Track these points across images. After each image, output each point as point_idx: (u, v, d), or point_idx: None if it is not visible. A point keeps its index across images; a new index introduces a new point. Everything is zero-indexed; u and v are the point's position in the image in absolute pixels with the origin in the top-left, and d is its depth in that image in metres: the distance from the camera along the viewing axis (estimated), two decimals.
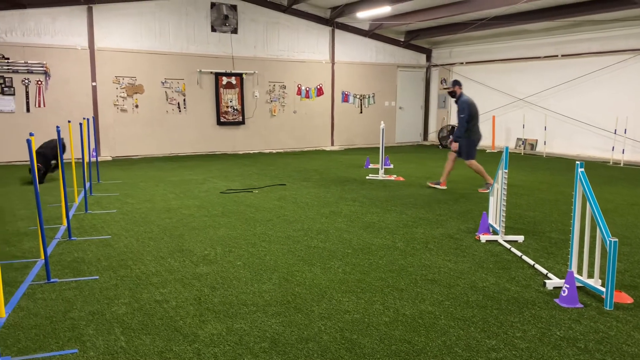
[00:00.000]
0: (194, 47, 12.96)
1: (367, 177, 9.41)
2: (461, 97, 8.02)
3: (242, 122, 13.75)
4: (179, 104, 12.94)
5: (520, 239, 5.19)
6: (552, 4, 11.64)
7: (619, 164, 11.37)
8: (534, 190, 8.17)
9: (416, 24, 14.52)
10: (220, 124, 13.46)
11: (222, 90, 13.34)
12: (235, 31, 13.39)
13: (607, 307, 3.54)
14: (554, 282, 3.94)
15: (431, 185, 8.41)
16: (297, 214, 6.39)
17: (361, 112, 15.79)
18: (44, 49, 11.34)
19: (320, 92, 14.94)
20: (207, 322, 3.34)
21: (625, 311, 3.50)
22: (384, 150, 9.70)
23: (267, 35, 13.89)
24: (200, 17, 12.96)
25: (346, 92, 15.41)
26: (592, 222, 3.73)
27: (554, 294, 3.79)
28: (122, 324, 3.32)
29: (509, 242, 5.10)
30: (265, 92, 14.03)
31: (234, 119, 13.63)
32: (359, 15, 13.59)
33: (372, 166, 10.75)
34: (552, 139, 13.23)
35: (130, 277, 4.17)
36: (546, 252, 4.85)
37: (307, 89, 14.71)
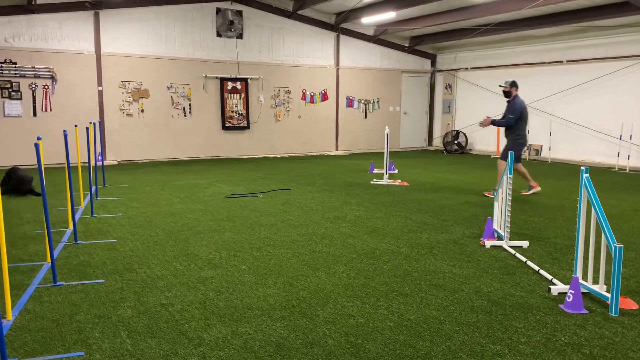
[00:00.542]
0: (199, 52, 13.04)
1: (371, 182, 9.42)
2: (516, 98, 7.99)
3: (247, 127, 13.79)
4: (184, 108, 13.00)
5: (525, 244, 5.19)
6: (558, 10, 11.65)
7: (624, 170, 11.34)
8: (539, 195, 8.15)
9: (421, 29, 14.55)
10: (225, 128, 13.51)
11: (227, 95, 13.40)
12: (240, 36, 13.46)
13: (612, 313, 3.53)
14: (558, 287, 3.94)
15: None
16: (301, 219, 6.41)
17: (366, 117, 15.81)
18: (50, 54, 11.43)
19: (324, 97, 14.99)
20: (212, 325, 3.36)
21: (630, 317, 3.49)
22: (389, 155, 9.71)
23: (272, 40, 13.96)
24: (205, 22, 13.04)
25: (351, 97, 15.45)
26: (597, 228, 3.73)
27: (559, 299, 3.79)
28: (127, 327, 3.33)
29: (513, 247, 5.10)
30: (270, 97, 14.08)
31: (239, 124, 13.68)
32: (363, 20, 13.65)
33: (376, 171, 10.76)
34: (557, 145, 13.21)
35: (135, 281, 4.19)
36: (551, 257, 4.85)
37: (312, 94, 14.76)
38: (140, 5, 12.20)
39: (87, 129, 7.24)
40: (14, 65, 11.10)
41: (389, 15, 12.89)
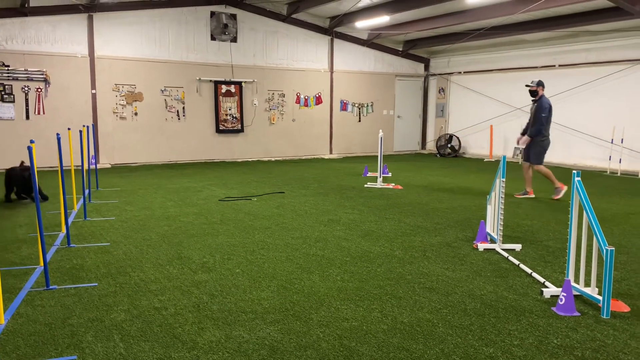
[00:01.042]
0: (193, 55, 13.04)
1: (365, 186, 9.44)
2: (543, 97, 8.07)
3: (241, 130, 13.79)
4: (178, 111, 12.98)
5: (517, 247, 5.22)
6: (550, 15, 11.75)
7: (616, 174, 11.43)
8: (531, 199, 8.20)
9: (414, 33, 14.63)
10: (219, 131, 13.50)
11: (221, 98, 13.40)
12: (234, 40, 13.48)
13: (604, 316, 3.56)
14: (551, 290, 3.96)
15: (518, 196, 8.35)
16: (295, 222, 6.41)
17: (359, 121, 15.85)
18: (44, 57, 11.39)
19: (319, 100, 15.01)
20: (206, 329, 3.35)
21: (622, 320, 3.52)
22: (382, 158, 9.74)
23: (266, 44, 13.98)
24: (199, 25, 13.04)
25: (345, 101, 15.49)
26: (589, 231, 3.76)
27: (552, 302, 3.81)
28: (121, 331, 3.32)
29: (506, 250, 5.12)
30: (264, 101, 14.09)
31: (233, 127, 13.67)
32: (357, 24, 13.71)
33: (370, 174, 10.78)
34: (549, 149, 13.25)
35: (129, 284, 4.18)
36: (543, 260, 4.88)
37: (306, 98, 14.78)
38: (134, 8, 12.19)
39: (80, 132, 7.22)
40: (6, 68, 11.05)
41: (382, 19, 12.95)
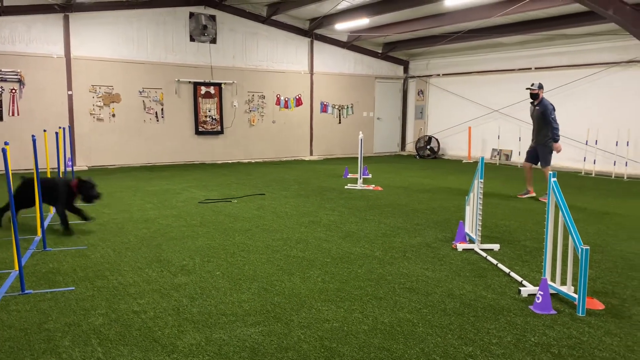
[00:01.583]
0: (172, 56, 12.92)
1: (345, 187, 9.47)
2: (544, 100, 8.21)
3: (220, 132, 13.71)
4: (156, 113, 12.85)
5: (496, 247, 5.29)
6: (526, 18, 11.95)
7: (590, 174, 11.67)
8: (509, 199, 8.33)
9: (394, 36, 14.74)
10: (198, 133, 13.40)
11: (200, 99, 13.31)
12: (214, 41, 13.40)
13: (580, 314, 3.63)
14: (528, 289, 4.03)
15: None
16: (276, 224, 6.40)
17: (340, 123, 15.90)
18: (18, 57, 11.17)
19: (299, 102, 15.01)
20: (186, 332, 3.32)
21: (597, 317, 3.59)
22: (363, 160, 9.78)
23: (246, 45, 13.93)
24: (178, 26, 12.93)
25: (325, 103, 15.52)
26: (565, 231, 3.83)
27: (529, 301, 3.87)
28: (99, 335, 3.27)
29: (485, 250, 5.19)
30: (244, 102, 14.04)
31: (213, 129, 13.59)
32: (337, 27, 13.76)
33: (350, 176, 10.82)
34: (526, 150, 13.48)
35: (107, 288, 4.12)
36: (521, 260, 4.95)
37: (286, 99, 14.77)
38: (111, 8, 12.03)
39: (56, 133, 7.09)
40: None
41: (362, 21, 13.02)
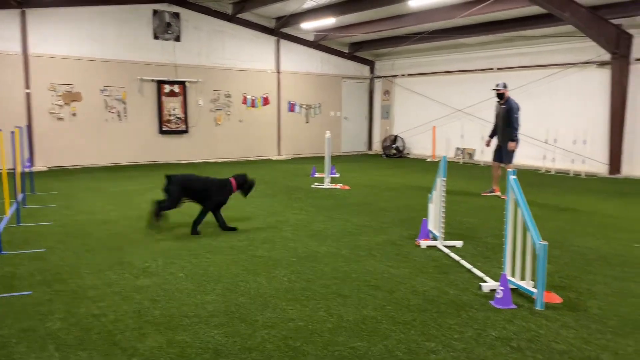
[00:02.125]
0: (135, 54, 12.66)
1: (313, 186, 9.47)
2: (510, 99, 8.38)
3: (185, 131, 13.52)
4: (119, 112, 12.57)
5: (458, 244, 5.38)
6: (488, 20, 12.22)
7: (550, 172, 12.02)
8: (472, 197, 8.49)
9: (360, 36, 14.83)
10: (162, 132, 13.18)
11: (164, 98, 13.08)
12: (178, 39, 13.20)
13: (538, 308, 3.73)
14: (489, 284, 4.12)
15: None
16: (242, 224, 6.34)
17: (307, 122, 15.90)
18: None
19: (266, 101, 14.94)
20: (147, 335, 3.26)
21: (554, 311, 3.70)
22: (330, 159, 9.81)
23: (211, 43, 13.78)
24: (141, 24, 12.68)
25: (292, 102, 15.49)
26: (524, 227, 3.93)
27: (490, 296, 3.96)
28: (56, 340, 3.18)
29: (448, 247, 5.28)
30: (209, 101, 13.88)
31: (177, 128, 13.38)
32: (303, 26, 13.75)
33: (318, 175, 10.83)
34: (488, 149, 13.76)
35: (65, 292, 4.00)
36: (483, 256, 5.06)
37: (253, 98, 14.68)
38: (71, 4, 11.70)
39: (12, 133, 6.85)
40: None
41: (328, 21, 13.05)
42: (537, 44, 12.64)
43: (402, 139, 15.91)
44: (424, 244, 5.35)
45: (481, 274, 4.41)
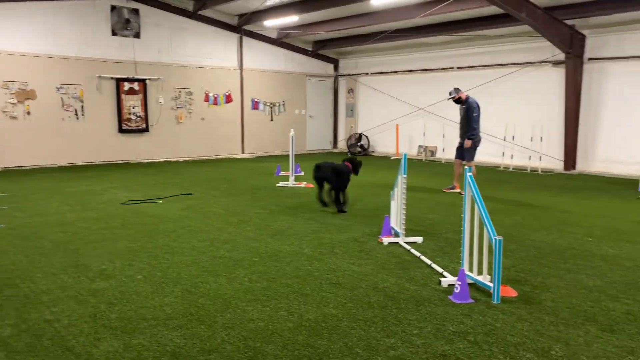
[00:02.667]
0: (92, 51, 12.31)
1: (277, 185, 9.43)
2: (469, 99, 8.48)
3: (145, 130, 13.24)
4: (76, 110, 12.21)
5: (419, 240, 5.46)
6: (448, 19, 12.43)
7: (508, 169, 12.33)
8: (433, 193, 8.63)
9: (323, 34, 14.85)
10: (122, 131, 12.87)
11: (123, 96, 12.78)
12: (137, 35, 12.90)
13: (495, 301, 3.82)
14: (448, 279, 4.19)
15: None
16: (203, 224, 6.26)
17: (272, 120, 15.82)
18: None
19: (229, 99, 14.79)
20: (103, 339, 3.17)
21: (510, 304, 3.79)
22: (295, 157, 9.78)
23: (172, 40, 13.53)
24: (99, 20, 12.34)
25: (256, 100, 15.38)
26: (481, 223, 4.01)
27: (449, 291, 4.03)
28: (6, 347, 3.06)
29: (409, 243, 5.34)
30: (170, 99, 13.63)
31: (137, 127, 13.09)
32: (266, 23, 13.67)
33: (283, 174, 10.79)
34: (450, 146, 14.02)
35: (17, 297, 3.86)
36: (442, 251, 5.14)
37: (216, 96, 14.50)
38: None
39: None
40: None
41: (291, 19, 13.01)
42: (495, 44, 12.94)
43: (366, 137, 16.03)
44: (387, 240, 5.40)
45: (440, 269, 4.48)
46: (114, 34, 12.57)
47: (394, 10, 11.98)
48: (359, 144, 15.91)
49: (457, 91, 8.65)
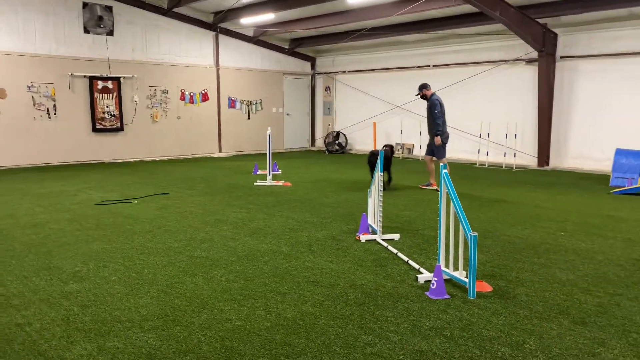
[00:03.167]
0: (64, 48, 12.06)
1: (255, 184, 9.39)
2: (432, 96, 8.57)
3: (120, 129, 13.03)
4: (48, 109, 11.95)
5: (396, 237, 5.49)
6: (423, 18, 12.52)
7: (484, 165, 12.50)
8: (410, 190, 8.69)
9: (300, 32, 14.82)
10: (96, 130, 12.64)
11: (97, 95, 12.55)
12: (111, 33, 12.68)
13: (470, 297, 3.86)
14: (425, 276, 4.22)
15: (423, 187, 8.94)
16: (179, 224, 6.19)
17: (249, 118, 15.73)
18: None
19: (205, 97, 14.65)
20: (76, 343, 3.11)
21: (485, 299, 3.84)
22: (272, 156, 9.74)
23: (146, 38, 13.34)
24: (71, 17, 12.09)
25: (233, 98, 15.28)
26: (456, 219, 4.05)
27: (425, 287, 4.06)
28: None
29: (386, 240, 5.37)
30: (145, 97, 13.44)
31: (112, 126, 12.87)
32: (242, 21, 13.58)
33: (260, 172, 10.75)
34: (426, 143, 14.15)
35: None
36: (419, 248, 5.19)
37: (192, 94, 14.35)
38: None
39: None
40: None
41: (267, 16, 12.95)
42: (470, 42, 13.09)
43: (344, 134, 16.06)
44: (364, 238, 5.42)
45: (417, 266, 4.51)
46: (87, 31, 12.34)
47: (370, 8, 12.02)
48: (336, 142, 15.94)
49: (421, 89, 8.77)
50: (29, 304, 3.72)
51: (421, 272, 4.35)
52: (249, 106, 15.70)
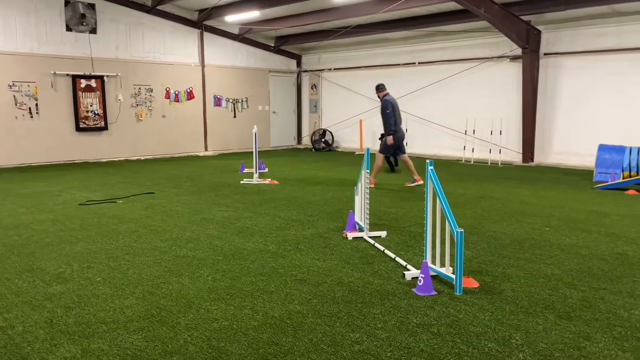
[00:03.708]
0: (46, 47, 11.88)
1: (241, 182, 9.34)
2: (385, 97, 8.64)
3: (104, 128, 12.89)
4: (30, 109, 11.77)
5: (383, 234, 5.50)
6: (408, 15, 12.56)
7: (469, 162, 12.58)
8: (396, 188, 8.71)
9: (285, 30, 14.77)
10: (79, 130, 12.49)
11: (80, 93, 12.39)
12: (94, 31, 12.52)
13: (457, 293, 3.88)
14: (412, 272, 4.23)
15: (409, 185, 8.95)
16: (165, 223, 6.14)
17: (235, 117, 15.66)
18: None
19: (190, 95, 14.54)
20: (60, 345, 3.07)
21: (472, 295, 3.86)
22: (259, 154, 9.70)
23: (130, 36, 13.19)
24: (53, 14, 11.91)
25: (218, 96, 15.18)
26: (443, 216, 4.07)
27: (412, 284, 4.07)
28: None
29: (373, 237, 5.38)
30: (130, 96, 13.30)
31: (96, 125, 12.72)
32: (227, 19, 13.49)
33: (247, 171, 10.70)
34: (413, 141, 14.23)
35: None
36: (406, 245, 5.20)
37: (177, 93, 14.23)
38: None
39: None
40: None
41: (252, 14, 12.88)
42: (455, 39, 13.15)
43: (330, 132, 16.05)
44: (351, 235, 5.42)
45: (404, 263, 4.52)
46: (69, 29, 12.17)
47: (355, 5, 12.02)
48: (323, 140, 15.93)
49: (376, 89, 8.93)
50: (11, 306, 3.66)
51: (408, 269, 4.36)
52: (234, 104, 15.62)
